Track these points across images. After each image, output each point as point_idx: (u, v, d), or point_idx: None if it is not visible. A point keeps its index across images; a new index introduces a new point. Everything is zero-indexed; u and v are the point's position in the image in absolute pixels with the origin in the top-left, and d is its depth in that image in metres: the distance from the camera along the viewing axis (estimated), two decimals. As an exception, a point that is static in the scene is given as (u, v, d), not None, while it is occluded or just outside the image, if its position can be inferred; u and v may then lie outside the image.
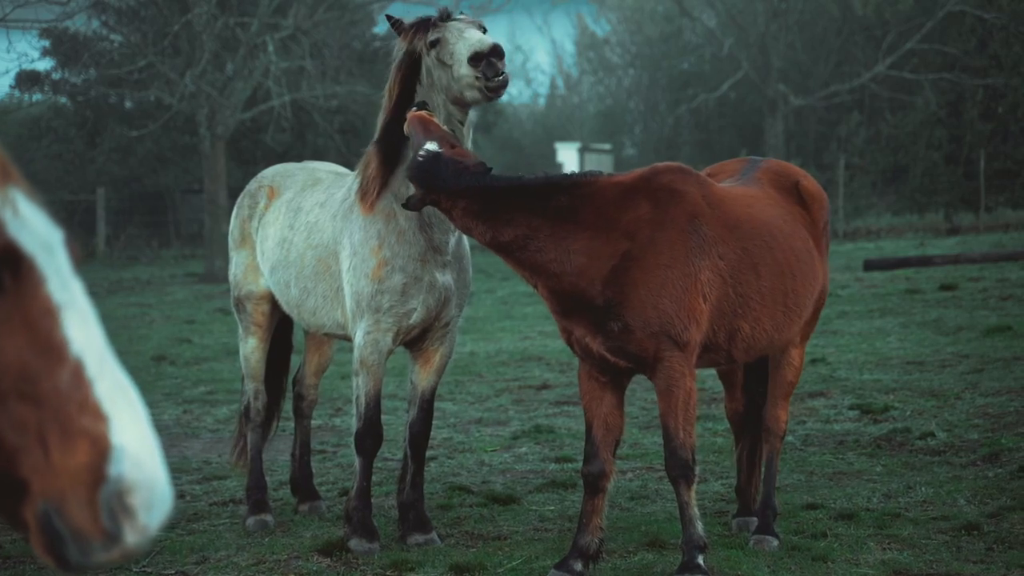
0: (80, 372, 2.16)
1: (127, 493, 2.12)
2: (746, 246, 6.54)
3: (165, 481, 2.15)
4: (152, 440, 2.16)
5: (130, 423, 2.16)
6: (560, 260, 6.26)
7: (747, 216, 6.64)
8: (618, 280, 6.23)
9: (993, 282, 19.30)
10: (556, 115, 61.71)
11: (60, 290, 2.21)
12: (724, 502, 8.09)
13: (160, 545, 7.37)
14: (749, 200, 6.80)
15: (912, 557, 6.68)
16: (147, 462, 2.13)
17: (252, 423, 8.23)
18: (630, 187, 6.41)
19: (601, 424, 6.54)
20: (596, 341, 6.32)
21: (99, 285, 28.14)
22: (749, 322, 6.54)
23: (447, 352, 7.40)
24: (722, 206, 6.57)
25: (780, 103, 42.91)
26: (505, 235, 6.25)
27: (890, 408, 10.57)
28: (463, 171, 6.24)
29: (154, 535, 2.18)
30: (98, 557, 2.16)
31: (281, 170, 8.34)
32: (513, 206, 6.24)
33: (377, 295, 7.09)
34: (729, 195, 6.74)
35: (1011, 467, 8.42)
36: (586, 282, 6.25)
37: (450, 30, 6.88)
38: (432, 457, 9.65)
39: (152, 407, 12.55)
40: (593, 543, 6.54)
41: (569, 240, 6.26)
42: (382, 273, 7.06)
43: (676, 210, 6.38)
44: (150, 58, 29.10)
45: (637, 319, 6.22)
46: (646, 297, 6.22)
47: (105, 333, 2.19)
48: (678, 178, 6.52)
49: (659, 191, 6.41)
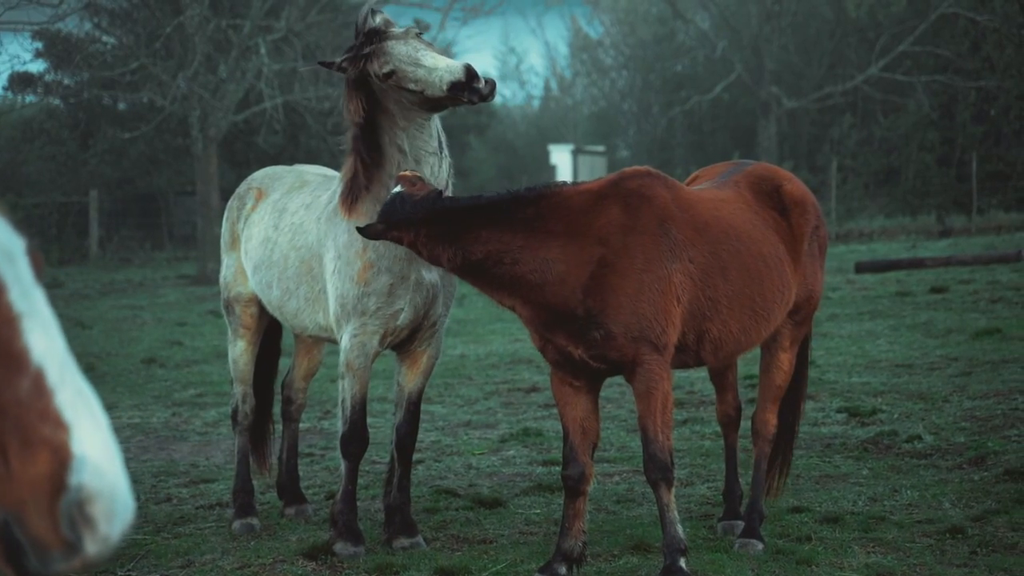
0: (41, 381, 2.16)
1: (87, 503, 2.12)
2: (715, 249, 6.57)
3: (126, 490, 2.15)
4: (113, 449, 2.16)
5: (91, 432, 2.16)
6: (539, 270, 6.27)
7: (715, 219, 6.66)
8: (598, 287, 6.26)
9: (984, 284, 19.33)
10: (550, 117, 61.72)
11: (21, 299, 2.21)
12: (710, 505, 8.10)
13: (145, 549, 7.37)
14: (718, 204, 6.81)
15: (896, 561, 6.69)
16: (108, 471, 2.13)
17: (240, 426, 8.23)
18: (598, 193, 6.44)
19: (578, 429, 6.58)
20: (579, 350, 6.35)
21: (91, 287, 28.13)
22: (717, 324, 6.58)
23: (434, 354, 7.39)
24: (691, 209, 6.59)
25: (773, 105, 42.95)
26: (476, 253, 6.27)
27: (878, 411, 10.58)
28: (416, 201, 6.28)
29: (115, 544, 2.17)
30: (58, 566, 2.15)
31: (270, 172, 8.35)
32: (478, 224, 6.26)
33: (363, 298, 7.08)
34: (698, 198, 6.77)
35: (996, 470, 8.43)
36: (568, 290, 6.27)
37: (400, 59, 6.82)
38: (419, 460, 9.65)
39: (141, 409, 12.56)
40: (576, 546, 6.57)
41: (544, 249, 6.28)
42: (368, 276, 7.05)
43: (646, 214, 6.40)
44: (142, 60, 29.07)
45: (618, 325, 6.25)
46: (625, 302, 6.25)
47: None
48: (646, 182, 6.54)
49: (628, 196, 6.44)
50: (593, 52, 57.76)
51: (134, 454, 10.40)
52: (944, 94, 39.45)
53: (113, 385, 14.27)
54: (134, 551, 7.34)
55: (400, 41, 6.86)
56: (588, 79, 59.26)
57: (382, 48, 6.85)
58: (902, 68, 40.61)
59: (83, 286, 28.35)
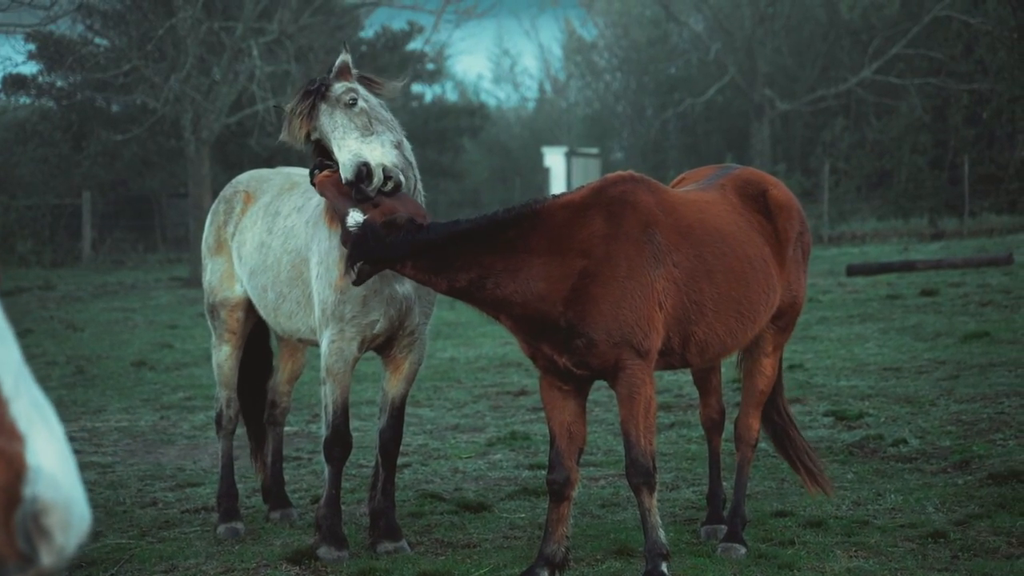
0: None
1: (43, 514, 2.12)
2: (700, 252, 6.58)
3: (82, 501, 2.14)
4: (69, 460, 2.16)
5: (47, 443, 2.15)
6: (520, 291, 6.30)
7: (699, 222, 6.68)
8: (579, 299, 6.29)
9: (974, 287, 19.35)
10: (544, 119, 61.74)
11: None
12: (695, 509, 8.11)
13: (129, 553, 7.37)
14: (702, 206, 6.83)
15: (878, 565, 6.71)
16: (64, 482, 2.13)
17: (224, 431, 8.23)
18: (581, 204, 6.45)
19: (564, 433, 6.59)
20: (563, 358, 6.39)
21: (84, 289, 28.09)
22: (703, 327, 6.60)
23: (416, 360, 7.40)
24: (675, 213, 6.61)
25: (766, 108, 43.00)
26: (460, 280, 6.31)
27: (865, 415, 10.60)
28: (397, 234, 6.28)
29: (71, 556, 2.17)
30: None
31: (256, 175, 8.35)
32: (461, 251, 6.28)
33: (340, 304, 7.12)
34: (682, 201, 6.78)
35: (980, 474, 8.44)
36: (548, 305, 6.30)
37: (321, 132, 6.93)
38: (406, 464, 9.66)
39: (129, 413, 12.56)
40: (559, 551, 6.58)
41: (524, 270, 6.30)
42: (343, 284, 7.08)
43: (630, 221, 6.42)
44: (134, 62, 29.05)
45: (600, 332, 6.28)
46: (607, 310, 6.28)
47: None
48: (630, 188, 6.55)
49: (612, 203, 6.45)
50: (587, 54, 57.82)
51: (121, 458, 10.40)
52: (937, 97, 39.50)
53: (102, 388, 14.26)
54: (117, 555, 7.34)
55: (327, 112, 6.93)
56: (582, 81, 59.30)
57: (314, 112, 6.95)
58: (895, 71, 40.66)
59: (75, 288, 28.32)
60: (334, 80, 7.04)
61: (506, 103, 65.34)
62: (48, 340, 18.91)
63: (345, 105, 6.93)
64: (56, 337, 19.39)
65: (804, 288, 7.34)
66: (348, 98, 6.96)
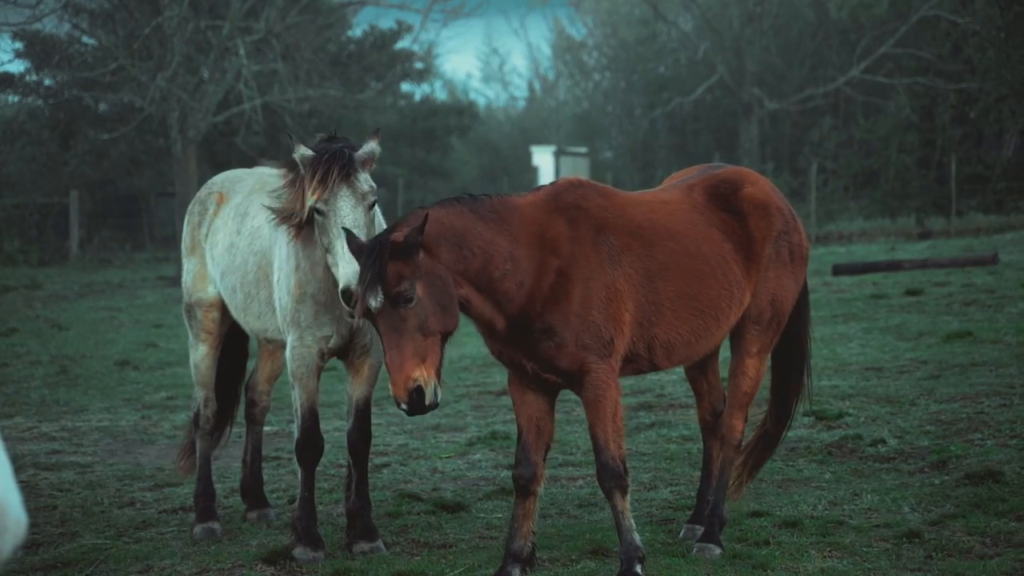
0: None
1: (-24, 518, 2.12)
2: (650, 252, 6.63)
3: (18, 505, 2.14)
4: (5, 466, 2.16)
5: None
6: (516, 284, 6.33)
7: (649, 222, 6.72)
8: (554, 297, 6.32)
9: (959, 287, 19.36)
10: (533, 118, 61.71)
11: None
12: (672, 509, 8.12)
13: (104, 554, 7.37)
14: (654, 206, 6.85)
15: (851, 565, 6.72)
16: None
17: (201, 430, 8.24)
18: (543, 205, 6.52)
19: (532, 428, 6.61)
20: (531, 363, 6.47)
21: (70, 288, 28.04)
22: (663, 328, 6.62)
23: (375, 363, 7.39)
24: (626, 215, 6.66)
25: (755, 107, 43.05)
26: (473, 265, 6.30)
27: (844, 415, 10.60)
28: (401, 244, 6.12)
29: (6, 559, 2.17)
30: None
31: (231, 176, 8.36)
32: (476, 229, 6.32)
33: (296, 311, 7.19)
34: (633, 203, 6.81)
35: (957, 474, 8.46)
36: (531, 304, 6.34)
37: (320, 230, 6.87)
38: (385, 464, 9.66)
39: (111, 412, 12.54)
40: (526, 547, 6.60)
41: (519, 259, 6.34)
42: (298, 294, 7.15)
43: (584, 225, 6.50)
44: (121, 61, 29.00)
45: (569, 333, 6.32)
46: (577, 310, 6.32)
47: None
48: (580, 194, 6.61)
49: (567, 209, 6.54)
50: (576, 53, 57.81)
51: (101, 458, 10.39)
52: (925, 96, 39.53)
53: (85, 388, 14.24)
54: (93, 556, 7.34)
55: (348, 201, 6.82)
56: (571, 80, 59.30)
57: (336, 190, 6.83)
58: (883, 70, 40.71)
59: (62, 287, 28.26)
60: (360, 166, 6.93)
61: (495, 102, 65.35)
62: (33, 339, 18.88)
63: (368, 207, 6.91)
64: (41, 336, 19.36)
65: (791, 290, 7.22)
66: (371, 200, 6.93)
